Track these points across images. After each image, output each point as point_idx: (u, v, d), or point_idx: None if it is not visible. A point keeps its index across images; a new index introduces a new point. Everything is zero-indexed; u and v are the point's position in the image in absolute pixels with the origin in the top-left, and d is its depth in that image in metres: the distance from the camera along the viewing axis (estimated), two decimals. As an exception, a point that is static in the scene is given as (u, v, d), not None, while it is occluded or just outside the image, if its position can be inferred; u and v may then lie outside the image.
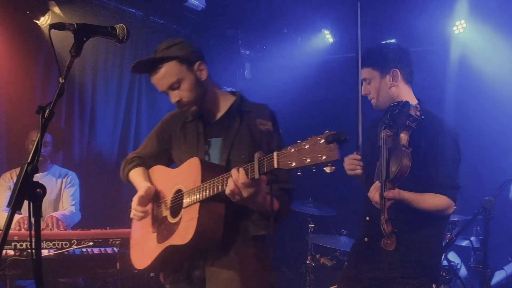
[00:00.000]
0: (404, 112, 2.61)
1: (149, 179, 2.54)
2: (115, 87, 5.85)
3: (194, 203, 2.22)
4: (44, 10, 4.85)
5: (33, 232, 1.69)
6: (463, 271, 4.92)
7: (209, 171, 2.25)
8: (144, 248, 2.52)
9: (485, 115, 5.46)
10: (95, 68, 5.62)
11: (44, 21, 4.82)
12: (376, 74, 2.89)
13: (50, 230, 3.78)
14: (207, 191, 2.16)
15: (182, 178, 2.36)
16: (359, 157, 2.83)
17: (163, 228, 2.41)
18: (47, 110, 1.76)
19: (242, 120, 2.42)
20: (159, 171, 2.57)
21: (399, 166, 2.51)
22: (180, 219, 2.30)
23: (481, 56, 5.60)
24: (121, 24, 1.97)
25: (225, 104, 2.48)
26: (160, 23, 5.97)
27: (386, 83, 2.87)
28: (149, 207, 2.48)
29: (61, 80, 1.79)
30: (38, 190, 1.72)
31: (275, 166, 1.90)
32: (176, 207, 2.35)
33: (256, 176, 1.99)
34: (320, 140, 1.77)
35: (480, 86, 5.55)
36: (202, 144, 2.44)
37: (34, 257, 1.73)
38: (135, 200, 2.42)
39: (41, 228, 3.75)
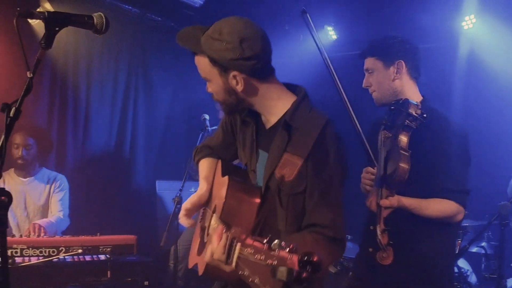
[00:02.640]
0: (403, 111, 2.42)
1: (213, 174, 2.25)
2: (110, 87, 5.70)
3: None
4: (35, 7, 4.68)
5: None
6: (473, 278, 4.73)
7: (236, 199, 1.90)
8: (193, 250, 2.32)
9: (496, 113, 5.25)
10: (90, 68, 5.47)
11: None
12: (380, 65, 2.72)
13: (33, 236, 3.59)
14: None
15: (220, 193, 2.01)
16: (372, 170, 2.61)
17: (202, 240, 2.17)
18: (13, 109, 1.56)
19: (290, 137, 1.90)
20: (219, 169, 2.25)
21: (396, 171, 2.31)
22: (206, 243, 2.05)
23: (491, 53, 5.37)
24: (99, 13, 1.78)
25: (279, 110, 1.98)
26: (157, 20, 5.82)
27: (389, 75, 2.70)
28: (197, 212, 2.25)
29: (29, 74, 1.60)
30: (2, 198, 1.52)
31: (232, 264, 1.50)
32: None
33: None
34: (271, 263, 1.33)
35: (490, 84, 5.32)
36: (254, 154, 2.05)
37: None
38: (182, 209, 2.15)
39: (25, 235, 3.64)
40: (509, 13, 5.14)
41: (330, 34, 6.13)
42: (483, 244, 4.67)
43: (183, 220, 2.14)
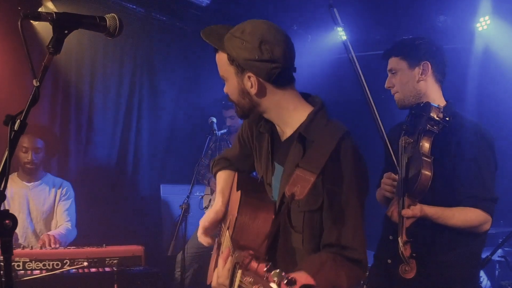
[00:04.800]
0: (424, 115, 2.32)
1: (229, 187, 2.21)
2: (114, 88, 5.54)
3: None
4: (37, 6, 4.53)
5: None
6: (487, 284, 4.61)
7: (249, 216, 1.81)
8: (211, 266, 2.29)
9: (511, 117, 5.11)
10: (93, 69, 5.32)
11: (37, 18, 4.49)
12: (404, 65, 2.62)
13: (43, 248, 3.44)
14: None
15: (234, 209, 1.95)
16: (394, 176, 2.49)
17: (218, 256, 2.09)
18: (18, 121, 1.40)
19: (305, 151, 1.81)
20: (235, 182, 2.19)
21: (418, 179, 2.20)
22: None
23: (506, 55, 5.27)
24: (113, 14, 1.63)
25: (295, 121, 1.90)
26: (162, 20, 5.69)
27: (414, 76, 2.59)
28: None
29: (35, 83, 1.44)
30: (6, 221, 1.36)
31: None
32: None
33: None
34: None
35: (505, 85, 5.22)
36: (270, 166, 2.00)
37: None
38: (200, 227, 2.09)
39: (37, 245, 3.49)
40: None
41: (340, 34, 5.99)
42: (498, 251, 4.54)
43: (202, 239, 2.08)
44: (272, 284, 1.26)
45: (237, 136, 2.24)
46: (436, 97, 2.60)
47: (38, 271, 3.13)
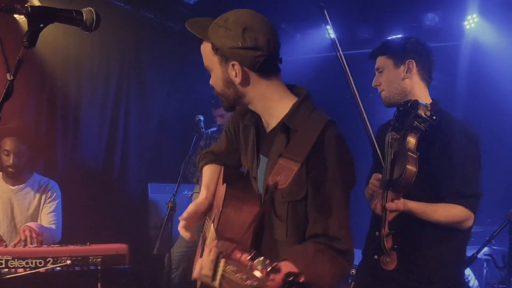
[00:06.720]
0: (412, 112, 2.36)
1: (215, 181, 2.19)
2: (101, 87, 5.52)
3: None
4: (22, 3, 4.47)
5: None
6: (475, 283, 4.63)
7: (234, 208, 1.80)
8: (196, 259, 2.24)
9: (500, 115, 5.16)
10: (79, 68, 5.28)
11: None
12: (390, 63, 2.66)
13: (24, 245, 3.38)
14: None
15: (219, 202, 1.93)
16: (378, 176, 2.54)
17: (202, 252, 2.07)
18: (-10, 115, 1.38)
19: (288, 141, 1.81)
20: (221, 177, 2.18)
21: (403, 173, 2.24)
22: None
23: (494, 52, 5.32)
24: (89, 8, 1.62)
25: (280, 112, 1.88)
26: (149, 17, 5.69)
27: (399, 73, 2.64)
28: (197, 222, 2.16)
29: (9, 77, 1.42)
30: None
31: (216, 283, 1.43)
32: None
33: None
34: (250, 284, 1.30)
35: (493, 84, 5.25)
36: (255, 159, 1.98)
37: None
38: (180, 219, 2.06)
39: (15, 242, 3.45)
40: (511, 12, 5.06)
41: (328, 33, 5.99)
42: (485, 249, 4.56)
43: (181, 232, 2.04)
44: (255, 272, 1.25)
45: (224, 130, 2.23)
46: (422, 95, 2.62)
47: (21, 269, 3.08)
